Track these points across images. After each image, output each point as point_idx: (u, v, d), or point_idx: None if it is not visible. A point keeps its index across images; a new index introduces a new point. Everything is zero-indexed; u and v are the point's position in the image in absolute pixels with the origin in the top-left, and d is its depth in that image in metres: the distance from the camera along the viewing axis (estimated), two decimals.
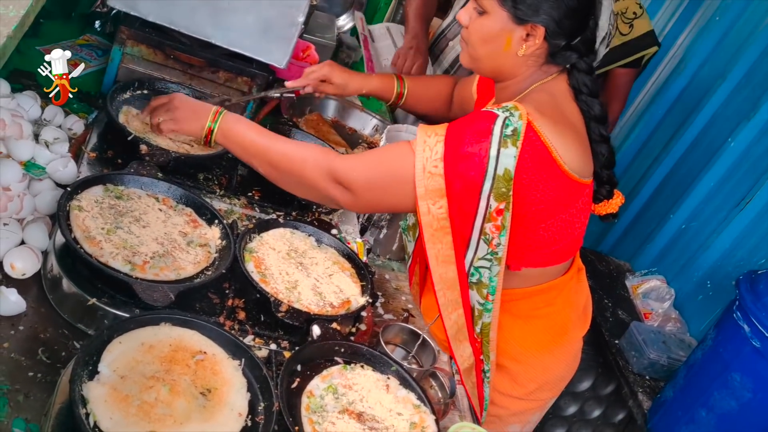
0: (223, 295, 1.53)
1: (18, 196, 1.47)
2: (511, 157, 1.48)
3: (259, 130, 1.67)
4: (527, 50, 1.59)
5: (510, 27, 1.57)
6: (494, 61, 1.64)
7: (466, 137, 1.50)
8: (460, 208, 1.53)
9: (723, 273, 3.10)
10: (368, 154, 1.66)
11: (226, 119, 1.68)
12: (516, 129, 1.48)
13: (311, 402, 1.34)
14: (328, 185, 1.59)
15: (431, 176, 1.51)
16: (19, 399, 1.21)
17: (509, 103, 1.54)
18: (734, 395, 2.39)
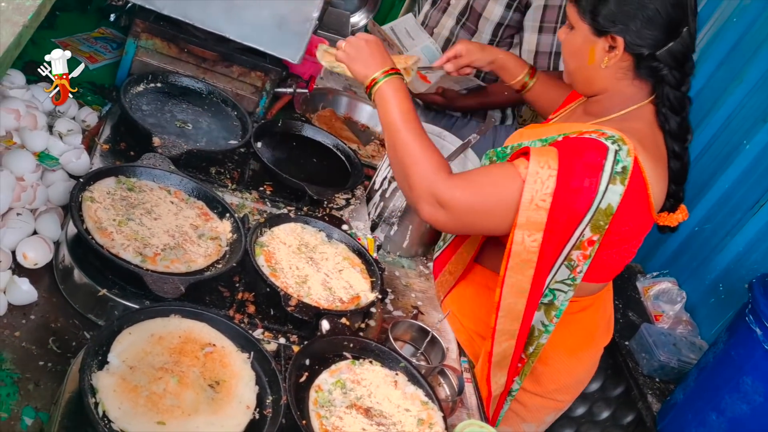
0: (234, 289, 1.54)
1: (31, 186, 1.48)
2: (617, 194, 1.50)
3: (406, 109, 1.65)
4: (610, 62, 1.59)
5: (591, 39, 1.59)
6: (582, 75, 1.66)
7: (577, 170, 1.49)
8: (554, 240, 1.53)
9: (736, 276, 3.07)
10: (472, 175, 1.62)
11: (389, 83, 1.67)
12: (625, 167, 1.49)
13: (319, 396, 1.34)
14: (423, 199, 1.58)
15: (537, 209, 1.50)
16: (29, 387, 1.22)
17: (615, 133, 1.53)
18: (745, 399, 2.36)
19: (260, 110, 2.13)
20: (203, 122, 1.91)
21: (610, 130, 1.55)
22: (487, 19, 2.50)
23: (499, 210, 1.55)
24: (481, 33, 2.55)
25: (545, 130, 1.74)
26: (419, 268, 2.05)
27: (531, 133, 1.77)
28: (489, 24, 2.51)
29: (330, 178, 2.03)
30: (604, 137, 1.52)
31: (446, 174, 1.58)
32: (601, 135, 1.54)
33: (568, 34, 1.65)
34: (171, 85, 1.97)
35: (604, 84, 1.64)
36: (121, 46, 2.09)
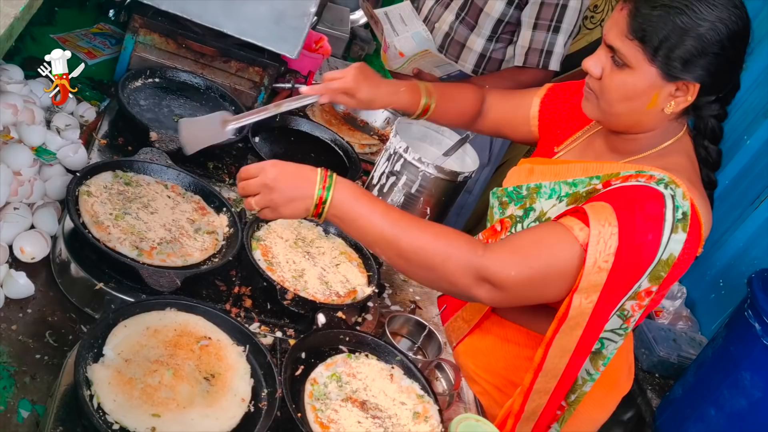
0: (230, 283, 1.54)
1: (28, 180, 1.48)
2: (679, 243, 1.36)
3: (384, 211, 1.36)
4: (677, 107, 1.42)
5: (658, 84, 1.39)
6: (632, 118, 1.46)
7: (638, 224, 1.34)
8: (611, 299, 1.38)
9: (736, 272, 3.07)
10: (523, 246, 1.40)
11: (339, 197, 1.34)
12: (686, 213, 1.36)
13: (315, 389, 1.35)
14: (474, 284, 1.36)
15: (599, 271, 1.35)
16: (25, 380, 1.23)
17: (662, 174, 1.39)
18: (744, 394, 2.37)
19: (258, 106, 2.13)
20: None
21: (655, 170, 1.41)
22: (488, 14, 2.50)
23: (558, 279, 1.38)
24: (480, 28, 2.55)
25: (567, 170, 1.58)
26: None
27: (547, 172, 1.61)
28: (489, 20, 2.51)
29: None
30: (654, 181, 1.38)
31: (487, 250, 1.36)
32: (649, 179, 1.39)
33: (615, 72, 1.42)
34: (169, 81, 1.97)
35: (653, 125, 1.47)
36: (119, 42, 2.10)
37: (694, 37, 1.35)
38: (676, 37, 1.35)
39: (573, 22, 2.48)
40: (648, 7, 1.37)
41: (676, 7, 1.35)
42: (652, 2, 1.37)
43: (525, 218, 1.59)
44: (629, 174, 1.43)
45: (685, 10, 1.35)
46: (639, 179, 1.40)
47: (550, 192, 1.56)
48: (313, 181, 1.35)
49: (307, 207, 1.35)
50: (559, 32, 2.47)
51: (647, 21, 1.36)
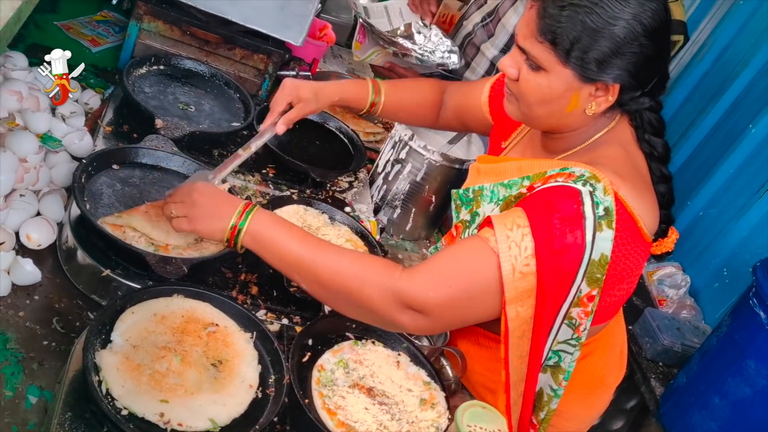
0: (236, 270, 1.54)
1: (34, 168, 1.48)
2: (607, 240, 1.29)
3: (302, 237, 1.33)
4: (598, 108, 1.35)
5: (576, 86, 1.32)
6: (554, 121, 1.40)
7: (555, 226, 1.27)
8: (548, 303, 1.32)
9: (740, 261, 3.07)
10: (440, 265, 1.33)
11: (258, 219, 1.33)
12: (608, 208, 1.29)
13: (322, 376, 1.35)
14: (395, 310, 1.30)
15: (523, 276, 1.28)
16: (33, 367, 1.23)
17: (583, 170, 1.33)
18: (748, 382, 2.36)
19: (263, 93, 2.13)
20: (206, 105, 1.91)
21: (578, 167, 1.35)
22: (503, 26, 2.45)
23: (482, 294, 1.31)
24: (496, 38, 2.49)
25: (505, 170, 1.51)
26: (422, 251, 2.05)
27: (489, 171, 1.56)
28: (504, 33, 2.46)
29: (333, 160, 2.03)
30: (573, 179, 1.32)
31: (405, 273, 1.31)
32: (568, 177, 1.33)
33: (530, 75, 1.34)
34: (173, 68, 1.97)
35: (577, 125, 1.41)
36: (123, 29, 2.09)
37: (608, 36, 1.26)
38: (588, 39, 1.27)
39: None
40: (555, 6, 1.28)
41: (585, 6, 1.26)
42: (560, 1, 1.28)
43: (471, 223, 1.54)
44: (552, 173, 1.37)
45: (594, 8, 1.25)
46: (558, 179, 1.33)
47: (490, 195, 1.51)
48: (235, 206, 1.34)
49: (222, 229, 1.33)
50: None
51: (556, 22, 1.27)
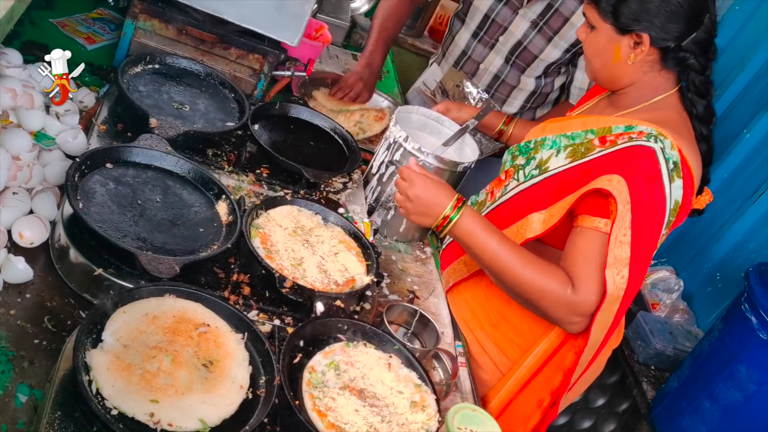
0: (229, 270, 1.54)
1: (27, 165, 1.48)
2: (679, 189, 1.54)
3: (500, 240, 1.58)
4: (636, 58, 1.60)
5: (615, 38, 1.60)
6: (608, 72, 1.67)
7: (640, 186, 1.50)
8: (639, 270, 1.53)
9: (733, 265, 3.07)
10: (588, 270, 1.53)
11: (466, 217, 1.60)
12: (676, 162, 1.53)
13: (312, 377, 1.35)
14: (569, 319, 1.56)
15: (620, 245, 1.50)
16: (24, 365, 1.23)
17: (650, 128, 1.56)
18: (739, 387, 2.37)
19: (258, 93, 2.13)
20: (200, 104, 1.91)
21: (642, 124, 1.57)
22: (542, 60, 2.44)
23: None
24: (533, 70, 2.47)
25: (568, 124, 1.75)
26: (416, 252, 2.05)
27: (554, 128, 1.78)
28: (542, 64, 2.45)
29: (327, 161, 2.03)
30: (644, 137, 1.55)
31: (572, 287, 1.53)
32: (639, 135, 1.56)
33: (589, 35, 1.66)
34: (169, 67, 1.96)
35: (630, 78, 1.65)
36: (119, 27, 2.08)
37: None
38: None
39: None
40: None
41: None
42: None
43: (526, 166, 1.77)
44: (620, 132, 1.60)
45: None
46: (631, 136, 1.57)
47: (551, 144, 1.74)
48: (445, 205, 1.61)
49: (432, 224, 1.64)
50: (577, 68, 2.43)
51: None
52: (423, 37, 4.25)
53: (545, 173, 1.71)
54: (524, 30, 2.38)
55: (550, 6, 2.33)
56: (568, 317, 1.55)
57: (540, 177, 1.72)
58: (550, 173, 1.70)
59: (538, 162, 1.75)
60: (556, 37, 2.35)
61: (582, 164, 1.63)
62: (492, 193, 1.89)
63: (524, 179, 1.77)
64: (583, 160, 1.63)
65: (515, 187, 1.78)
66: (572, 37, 2.33)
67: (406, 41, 4.11)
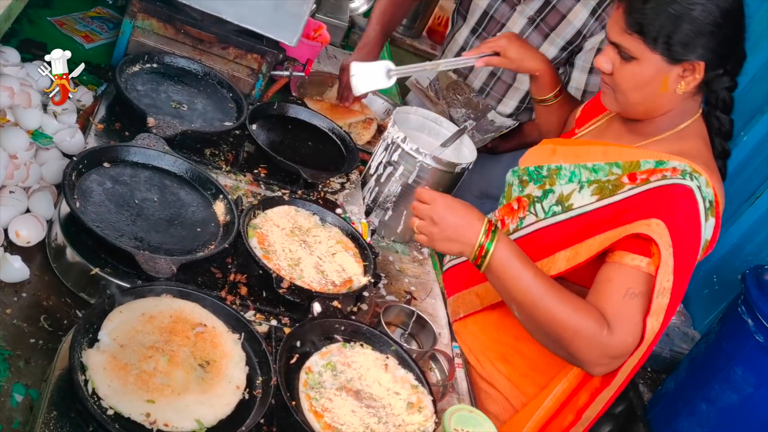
0: (226, 270, 1.54)
1: (24, 164, 1.47)
2: (711, 227, 1.50)
3: (535, 272, 1.45)
4: (687, 86, 1.50)
5: (665, 69, 1.48)
6: (649, 104, 1.55)
7: (681, 226, 1.43)
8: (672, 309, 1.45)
9: (730, 268, 3.08)
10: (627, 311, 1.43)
11: (502, 246, 1.45)
12: (711, 201, 1.48)
13: (309, 378, 1.35)
14: (600, 361, 1.44)
15: (664, 291, 1.42)
16: (19, 365, 1.22)
17: (684, 165, 1.48)
18: (735, 389, 2.38)
19: (256, 93, 2.13)
20: (198, 103, 1.90)
21: (674, 159, 1.50)
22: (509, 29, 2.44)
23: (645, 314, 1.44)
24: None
25: (585, 151, 1.65)
26: (413, 253, 2.05)
27: (567, 153, 1.68)
28: None
29: (325, 161, 2.02)
30: (679, 174, 1.47)
31: (608, 327, 1.42)
32: (674, 173, 1.48)
33: (624, 66, 1.51)
34: (167, 66, 1.96)
35: (669, 108, 1.56)
36: (117, 26, 2.08)
37: (689, 20, 1.43)
38: (671, 25, 1.44)
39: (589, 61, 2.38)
40: (640, 2, 1.47)
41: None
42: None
43: (543, 199, 1.66)
44: (651, 168, 1.51)
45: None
46: (664, 174, 1.48)
47: (570, 175, 1.63)
48: (476, 230, 1.46)
49: (461, 251, 1.48)
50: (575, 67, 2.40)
51: (642, 15, 1.46)
52: (421, 37, 4.26)
53: (570, 211, 1.60)
54: (521, 26, 2.38)
55: (548, 3, 2.33)
56: (599, 359, 1.43)
57: (564, 215, 1.61)
58: (576, 212, 1.59)
59: (558, 197, 1.64)
60: (552, 33, 2.35)
61: (612, 204, 1.54)
62: (503, 222, 1.77)
63: (545, 215, 1.65)
64: (613, 200, 1.54)
65: (535, 223, 1.67)
66: (569, 34, 2.33)
67: (405, 42, 4.11)
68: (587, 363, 1.45)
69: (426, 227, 1.49)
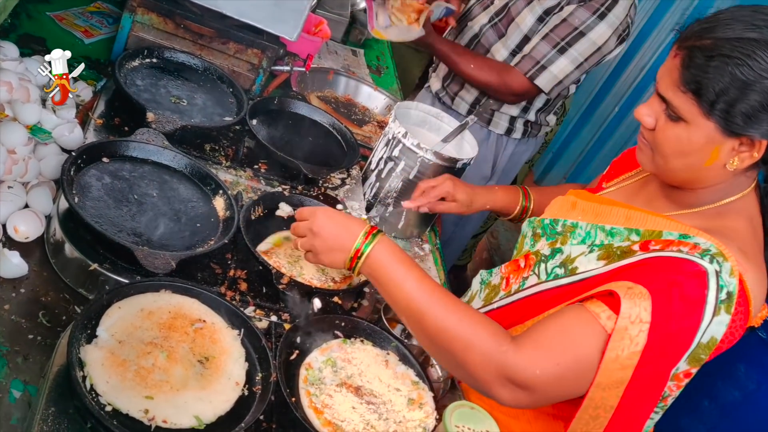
0: (226, 266, 1.53)
1: (23, 159, 1.47)
2: (722, 325, 1.22)
3: (419, 279, 1.31)
4: (741, 164, 1.27)
5: (718, 139, 1.24)
6: (691, 174, 1.32)
7: (674, 310, 1.20)
8: (638, 396, 1.24)
9: None
10: (547, 339, 1.25)
11: (381, 248, 1.34)
12: (731, 293, 1.21)
13: (309, 374, 1.34)
14: (496, 383, 1.25)
15: (622, 369, 1.21)
16: (18, 361, 1.22)
17: (710, 244, 1.25)
18: (738, 386, 2.37)
19: (256, 88, 2.12)
20: (198, 99, 1.89)
21: (702, 238, 1.26)
22: (517, 25, 2.41)
23: (584, 372, 1.24)
24: (508, 38, 2.45)
25: (608, 212, 1.46)
26: (414, 249, 2.04)
27: (587, 210, 1.51)
28: (518, 32, 2.42)
29: (326, 157, 2.02)
30: (698, 252, 1.24)
31: (512, 346, 1.24)
32: (693, 249, 1.25)
33: (669, 125, 1.28)
34: (166, 61, 1.95)
35: (714, 182, 1.32)
36: (117, 21, 2.07)
37: (759, 90, 1.18)
38: (736, 91, 1.19)
39: (586, 55, 2.34)
40: (703, 57, 1.21)
41: (737, 58, 1.18)
42: (708, 51, 1.21)
43: (550, 258, 1.50)
44: (671, 239, 1.29)
45: (747, 60, 1.18)
46: (681, 248, 1.26)
47: (584, 235, 1.46)
48: (355, 234, 1.36)
49: (344, 258, 1.37)
50: (563, 54, 2.33)
51: (702, 72, 1.21)
52: None
53: (572, 276, 1.42)
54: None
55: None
56: (496, 380, 1.24)
57: (566, 279, 1.43)
58: (578, 277, 1.40)
59: (564, 259, 1.46)
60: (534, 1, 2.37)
61: (615, 269, 1.33)
62: (507, 280, 1.61)
63: (546, 277, 1.48)
64: (617, 265, 1.33)
65: (536, 285, 1.49)
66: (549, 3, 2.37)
67: None
68: (484, 383, 1.26)
69: (308, 242, 1.41)
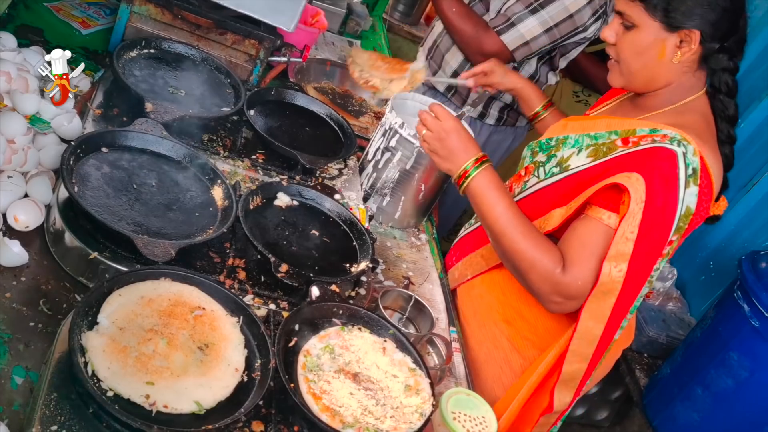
0: (224, 255, 1.54)
1: (22, 149, 1.48)
2: (693, 195, 1.52)
3: (509, 204, 1.61)
4: (683, 56, 1.57)
5: (663, 36, 1.55)
6: (649, 72, 1.62)
7: (656, 187, 1.49)
8: (640, 268, 1.53)
9: (727, 254, 3.10)
10: (578, 255, 1.55)
11: (483, 175, 1.63)
12: (695, 168, 1.51)
13: (308, 361, 1.36)
14: (551, 297, 1.57)
15: (626, 241, 1.50)
16: (19, 348, 1.23)
17: (674, 132, 1.54)
18: (731, 374, 2.40)
19: (254, 78, 2.12)
20: (196, 89, 1.90)
21: (667, 129, 1.55)
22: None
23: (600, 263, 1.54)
24: (490, 14, 2.47)
25: (592, 124, 1.73)
26: (411, 239, 2.06)
27: (576, 126, 1.78)
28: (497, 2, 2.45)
29: (323, 147, 2.03)
30: (667, 140, 1.53)
31: (563, 267, 1.55)
32: (663, 138, 1.53)
33: (626, 35, 1.60)
34: (164, 52, 1.96)
35: (668, 79, 1.61)
36: (114, 12, 2.07)
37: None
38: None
39: (556, 19, 2.34)
40: None
41: None
42: None
43: (546, 163, 1.77)
44: (644, 134, 1.58)
45: None
46: (654, 139, 1.55)
47: (573, 142, 1.73)
48: (469, 155, 1.65)
49: (449, 169, 1.68)
50: (534, 14, 2.33)
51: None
52: (419, 24, 4.24)
53: (566, 171, 1.69)
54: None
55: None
56: (550, 295, 1.57)
57: (560, 175, 1.70)
58: (571, 171, 1.68)
59: (558, 160, 1.74)
60: None
61: (603, 163, 1.62)
62: (511, 188, 1.87)
63: (544, 176, 1.75)
64: (604, 159, 1.62)
65: (535, 184, 1.76)
66: None
67: (402, 28, 4.10)
68: (540, 295, 1.59)
69: (431, 139, 1.69)
